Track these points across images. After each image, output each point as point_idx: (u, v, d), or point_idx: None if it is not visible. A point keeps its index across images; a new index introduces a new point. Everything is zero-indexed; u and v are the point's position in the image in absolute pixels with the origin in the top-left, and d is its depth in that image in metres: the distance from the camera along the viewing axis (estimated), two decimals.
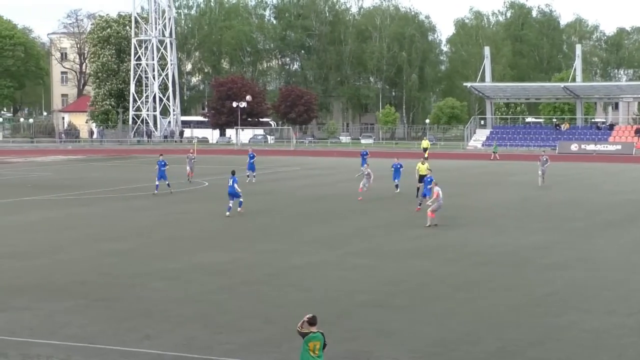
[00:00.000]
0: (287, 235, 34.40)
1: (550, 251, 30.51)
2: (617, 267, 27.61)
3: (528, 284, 24.80)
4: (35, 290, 23.87)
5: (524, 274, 26.20)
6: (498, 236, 34.18)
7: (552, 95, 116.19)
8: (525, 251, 30.33)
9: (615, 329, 19.86)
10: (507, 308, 21.96)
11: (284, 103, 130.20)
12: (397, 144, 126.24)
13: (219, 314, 21.32)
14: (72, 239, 33.34)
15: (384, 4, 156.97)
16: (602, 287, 24.60)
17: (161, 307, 21.99)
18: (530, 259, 28.91)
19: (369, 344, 18.71)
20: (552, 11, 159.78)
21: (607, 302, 22.71)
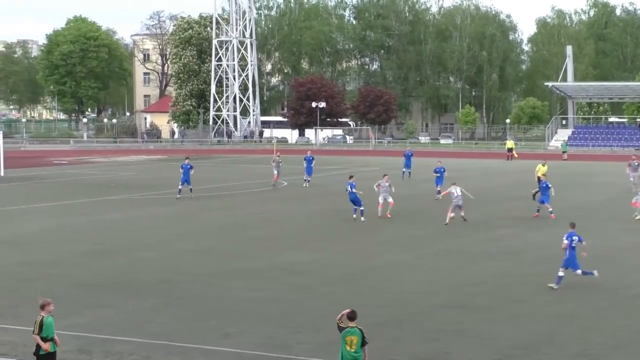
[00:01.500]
0: (367, 236, 34.40)
1: (635, 253, 30.06)
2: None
3: (611, 287, 24.47)
4: (119, 288, 24.34)
5: (608, 277, 25.75)
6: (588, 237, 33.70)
7: (636, 94, 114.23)
8: (608, 253, 29.84)
9: None
10: (590, 311, 21.72)
11: (363, 103, 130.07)
12: (476, 144, 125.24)
13: (298, 314, 21.45)
14: (154, 238, 33.91)
15: (464, 4, 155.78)
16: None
17: (241, 306, 22.19)
18: (613, 261, 28.49)
19: (448, 345, 18.66)
20: (636, 10, 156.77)
21: None
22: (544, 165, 46.88)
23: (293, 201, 46.68)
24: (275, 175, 55.28)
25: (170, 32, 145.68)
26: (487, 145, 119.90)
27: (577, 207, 43.92)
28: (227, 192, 51.82)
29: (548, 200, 38.73)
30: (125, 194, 50.48)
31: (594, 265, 27.52)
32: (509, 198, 48.12)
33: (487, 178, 62.52)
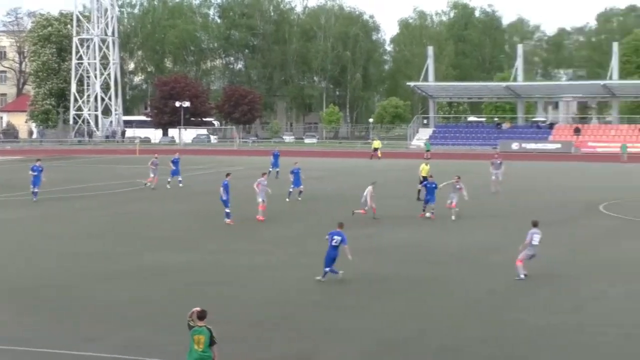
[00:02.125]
0: (237, 236, 34.23)
1: (498, 250, 30.77)
2: (557, 265, 27.89)
3: (475, 283, 25.01)
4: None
5: (471, 273, 26.42)
6: (447, 236, 34.42)
7: (494, 94, 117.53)
8: (473, 250, 30.53)
9: (556, 325, 20.11)
10: (454, 306, 22.15)
11: (227, 102, 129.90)
12: (340, 143, 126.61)
13: (165, 316, 21.15)
14: (14, 241, 32.98)
15: (329, 4, 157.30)
16: (547, 285, 24.88)
17: (105, 309, 21.82)
18: (477, 258, 29.16)
19: (316, 344, 18.74)
20: (494, 11, 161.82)
21: (549, 299, 23.01)
22: (426, 165, 47.03)
23: (159, 201, 46.14)
24: (151, 178, 52.78)
25: (29, 29, 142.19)
26: (351, 145, 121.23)
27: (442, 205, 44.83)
28: (90, 192, 50.86)
29: (434, 200, 39.04)
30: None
31: (457, 262, 28.22)
32: (379, 197, 48.74)
33: (354, 177, 63.17)
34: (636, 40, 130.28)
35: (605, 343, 18.75)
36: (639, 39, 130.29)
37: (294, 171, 47.51)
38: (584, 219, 39.48)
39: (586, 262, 28.45)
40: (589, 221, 38.54)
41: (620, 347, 18.46)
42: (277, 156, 61.52)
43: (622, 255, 29.49)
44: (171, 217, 40.04)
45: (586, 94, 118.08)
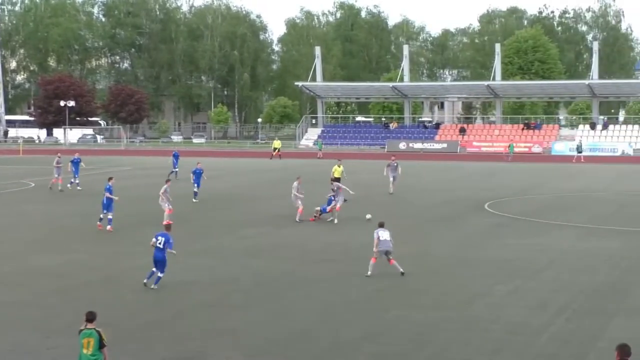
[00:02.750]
0: (123, 237, 33.73)
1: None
2: (446, 262, 28.33)
3: (360, 281, 25.13)
4: None
5: (356, 271, 26.47)
6: (332, 234, 34.49)
7: (381, 94, 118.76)
8: (357, 248, 30.62)
9: (442, 322, 20.38)
10: (341, 304, 22.23)
11: (114, 102, 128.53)
12: (229, 143, 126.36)
13: (51, 318, 20.74)
14: None
15: (215, 3, 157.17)
16: (431, 282, 25.20)
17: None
18: (362, 256, 28.93)
19: (203, 344, 18.62)
20: (380, 12, 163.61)
21: (436, 296, 23.30)
22: (339, 167, 46.31)
23: (44, 203, 45.09)
24: (56, 178, 51.01)
25: None
26: (239, 144, 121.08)
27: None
28: None
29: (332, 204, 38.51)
30: None
31: (343, 260, 28.38)
32: (269, 197, 48.85)
33: (244, 176, 63.07)
34: (518, 42, 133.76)
35: (490, 339, 19.07)
36: (520, 41, 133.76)
37: (195, 171, 47.24)
38: (470, 216, 40.23)
39: (472, 259, 28.91)
40: (474, 219, 39.27)
41: (505, 343, 18.87)
42: (177, 157, 61.59)
43: (506, 252, 30.14)
44: (54, 219, 39.22)
45: (470, 95, 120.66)
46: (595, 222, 38.19)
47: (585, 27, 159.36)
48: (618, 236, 34.06)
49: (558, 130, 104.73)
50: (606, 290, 24.12)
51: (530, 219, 38.96)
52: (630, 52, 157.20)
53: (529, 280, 25.08)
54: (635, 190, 53.29)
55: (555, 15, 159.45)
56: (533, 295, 23.31)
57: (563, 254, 29.78)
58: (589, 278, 25.59)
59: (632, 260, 28.76)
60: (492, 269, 26.78)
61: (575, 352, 18.05)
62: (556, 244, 32.03)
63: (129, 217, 38.15)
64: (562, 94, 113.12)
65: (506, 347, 18.52)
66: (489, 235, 34.38)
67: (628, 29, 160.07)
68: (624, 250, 30.82)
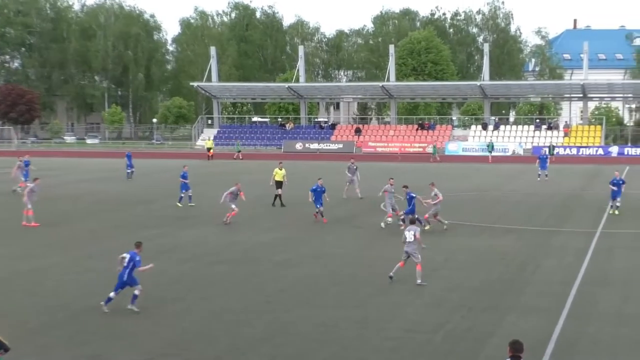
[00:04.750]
0: (15, 239, 33.13)
1: (283, 249, 31.11)
2: (346, 262, 28.52)
3: (260, 282, 25.25)
4: None
5: (256, 272, 26.63)
6: (231, 235, 34.47)
7: (277, 95, 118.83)
8: (257, 250, 30.74)
9: (341, 322, 20.59)
10: (240, 306, 22.26)
11: (4, 102, 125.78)
12: (124, 143, 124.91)
13: None
14: None
15: (108, 2, 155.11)
16: (332, 282, 25.38)
17: None
18: (262, 257, 29.37)
19: (100, 347, 18.46)
20: (275, 13, 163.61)
21: (336, 296, 23.52)
22: (280, 169, 44.90)
23: None
24: (23, 181, 50.44)
25: None
26: (134, 145, 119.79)
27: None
28: None
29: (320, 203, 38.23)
30: None
31: (242, 261, 28.37)
32: (166, 198, 48.51)
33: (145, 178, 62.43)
34: (411, 43, 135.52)
35: (387, 338, 19.28)
36: (413, 42, 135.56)
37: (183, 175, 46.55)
38: (366, 217, 40.29)
39: (369, 259, 29.22)
40: (371, 219, 39.23)
41: (403, 341, 19.09)
42: (130, 157, 61.89)
43: (401, 252, 30.46)
44: None
45: (365, 95, 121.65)
46: (489, 220, 38.97)
47: (476, 29, 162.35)
48: (511, 234, 34.84)
49: (451, 131, 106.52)
50: (500, 287, 24.66)
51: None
52: (519, 54, 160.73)
53: (426, 279, 25.46)
54: (526, 189, 54.60)
55: (447, 17, 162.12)
56: (429, 294, 23.70)
57: (457, 253, 30.33)
58: (483, 276, 26.15)
59: (525, 257, 29.49)
60: (389, 269, 27.08)
61: (470, 348, 18.45)
62: (450, 242, 32.60)
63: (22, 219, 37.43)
64: (455, 95, 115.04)
65: (403, 345, 18.80)
66: (383, 235, 34.70)
67: (517, 31, 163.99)
68: (517, 247, 31.57)
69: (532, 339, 18.36)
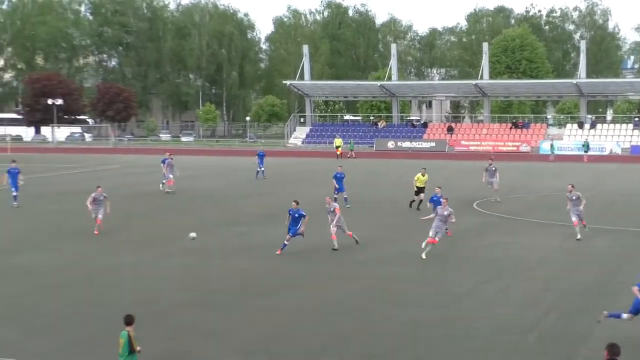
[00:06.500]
0: (106, 235, 33.52)
1: (368, 247, 30.87)
2: (433, 261, 28.15)
3: (345, 280, 25.14)
4: None
5: (342, 270, 26.53)
6: (315, 232, 34.15)
7: (369, 93, 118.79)
8: (343, 247, 30.49)
9: (428, 321, 20.37)
10: (326, 304, 22.20)
11: (101, 100, 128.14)
12: (217, 141, 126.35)
13: (33, 317, 20.66)
14: None
15: (203, 2, 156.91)
16: (416, 281, 25.12)
17: None
18: (348, 255, 29.23)
19: (188, 343, 18.56)
20: (367, 11, 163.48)
21: (422, 295, 23.26)
22: (423, 175, 42.17)
23: (25, 201, 44.67)
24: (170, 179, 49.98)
25: None
26: (228, 143, 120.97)
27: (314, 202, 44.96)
28: None
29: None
30: None
31: (328, 259, 28.26)
32: (251, 194, 48.84)
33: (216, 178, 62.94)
34: (505, 41, 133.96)
35: (477, 338, 19.00)
36: (507, 40, 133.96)
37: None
38: (458, 215, 39.98)
39: (460, 258, 28.90)
40: (463, 218, 39.06)
41: (492, 342, 18.80)
42: (262, 156, 61.06)
43: (493, 251, 30.14)
44: (39, 217, 39.18)
45: (458, 94, 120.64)
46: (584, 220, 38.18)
47: (573, 26, 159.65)
48: (607, 235, 34.04)
49: (546, 130, 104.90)
50: (596, 289, 24.09)
51: (518, 218, 38.99)
52: (617, 51, 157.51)
53: (517, 279, 25.04)
54: (623, 189, 53.38)
55: (543, 14, 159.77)
56: (521, 294, 23.27)
57: (551, 253, 29.76)
58: (579, 277, 25.57)
59: (622, 259, 28.77)
60: (480, 268, 26.74)
61: (564, 351, 18.00)
62: (544, 243, 32.02)
63: (114, 215, 37.92)
64: (550, 93, 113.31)
65: (493, 345, 18.47)
66: (476, 234, 34.38)
67: (615, 28, 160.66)
68: (613, 249, 30.86)
69: (630, 342, 17.81)
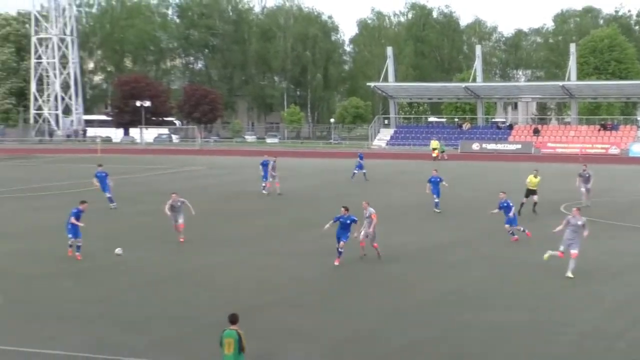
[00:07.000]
0: (194, 235, 33.90)
1: (454, 250, 30.99)
2: (519, 264, 28.22)
3: (432, 282, 25.27)
4: None
5: (428, 272, 26.65)
6: (404, 235, 34.48)
7: (454, 95, 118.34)
8: (430, 249, 30.73)
9: (515, 324, 20.39)
10: (413, 305, 22.33)
11: (188, 102, 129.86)
12: (302, 143, 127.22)
13: (127, 314, 21.25)
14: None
15: (287, 4, 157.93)
16: (502, 284, 25.19)
17: (68, 307, 21.81)
18: (435, 257, 29.37)
19: (279, 342, 18.84)
20: (452, 12, 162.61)
21: (508, 299, 23.27)
22: (535, 177, 41.13)
23: (120, 200, 45.07)
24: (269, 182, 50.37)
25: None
26: (312, 144, 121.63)
27: (401, 205, 45.01)
28: (48, 192, 50.57)
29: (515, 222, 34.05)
30: None
31: (415, 261, 28.36)
32: (349, 196, 48.99)
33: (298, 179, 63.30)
34: (593, 42, 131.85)
35: (564, 343, 18.97)
36: (596, 40, 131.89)
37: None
38: (546, 219, 39.43)
39: (547, 261, 28.26)
40: (550, 221, 38.41)
41: (580, 347, 18.73)
42: (362, 158, 61.72)
43: (581, 255, 29.84)
44: (127, 216, 39.98)
45: (545, 95, 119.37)
46: None
47: None
48: None
49: (636, 132, 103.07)
50: None
51: (607, 222, 38.52)
52: None
53: (606, 283, 24.87)
54: None
55: (633, 14, 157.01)
56: (610, 299, 23.14)
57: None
58: None
59: None
60: (563, 273, 26.47)
61: None
62: (634, 247, 31.68)
63: (201, 215, 38.28)
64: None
65: (582, 350, 18.47)
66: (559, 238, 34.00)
67: None
68: None
69: None
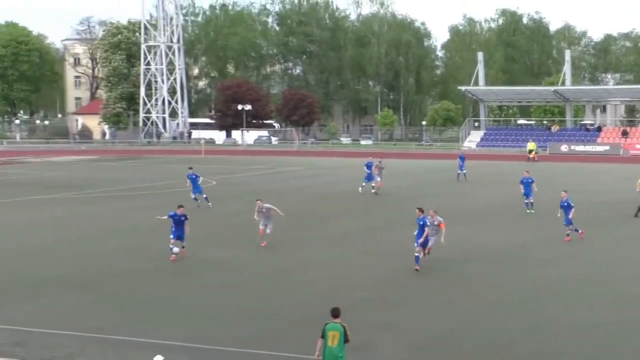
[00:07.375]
0: (290, 233, 34.05)
1: (539, 249, 31.11)
2: (601, 264, 28.37)
3: (516, 280, 25.69)
4: (50, 284, 24.80)
5: (513, 271, 27.05)
6: (489, 234, 34.82)
7: (543, 98, 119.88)
8: (515, 249, 31.01)
9: (598, 323, 20.65)
10: (497, 303, 22.82)
11: (286, 106, 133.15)
12: (395, 144, 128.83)
13: (226, 308, 21.99)
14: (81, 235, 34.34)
15: (381, 12, 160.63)
16: (585, 283, 25.49)
17: (171, 301, 22.65)
18: (519, 256, 29.68)
19: (369, 337, 19.05)
20: (542, 18, 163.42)
21: (592, 296, 23.59)
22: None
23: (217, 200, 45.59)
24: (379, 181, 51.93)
25: (100, 37, 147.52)
26: (405, 146, 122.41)
27: (486, 205, 46.53)
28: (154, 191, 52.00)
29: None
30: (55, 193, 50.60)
31: (500, 260, 29.11)
32: (441, 195, 49.59)
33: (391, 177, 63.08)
34: None
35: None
36: None
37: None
38: (633, 219, 39.42)
39: (632, 260, 28.98)
40: (631, 222, 38.57)
41: None
42: (463, 159, 62.38)
43: None
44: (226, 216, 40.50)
45: (633, 98, 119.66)
46: None
47: None
48: None
49: None
50: None
51: None
52: None
53: None
54: None
55: None
56: None
57: None
58: None
59: None
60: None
61: None
62: None
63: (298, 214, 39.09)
64: None
65: None
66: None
67: None
68: None
69: None
